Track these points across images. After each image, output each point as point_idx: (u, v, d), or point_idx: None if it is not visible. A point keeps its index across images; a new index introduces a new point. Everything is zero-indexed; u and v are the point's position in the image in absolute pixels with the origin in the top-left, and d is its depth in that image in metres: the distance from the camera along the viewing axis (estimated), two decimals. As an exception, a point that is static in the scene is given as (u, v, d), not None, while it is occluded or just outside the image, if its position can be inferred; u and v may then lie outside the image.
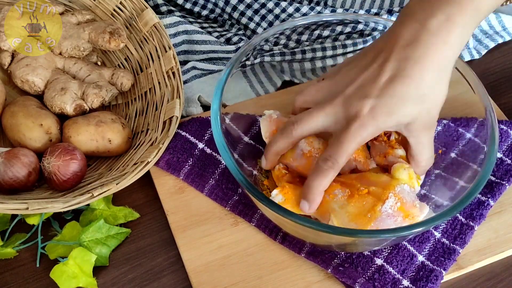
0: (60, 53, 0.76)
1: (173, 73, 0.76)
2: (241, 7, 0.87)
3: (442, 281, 0.64)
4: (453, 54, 0.59)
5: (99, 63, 0.81)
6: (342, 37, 0.83)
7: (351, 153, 0.59)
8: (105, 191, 0.65)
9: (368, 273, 0.64)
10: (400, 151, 0.65)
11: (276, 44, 0.82)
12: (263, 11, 0.87)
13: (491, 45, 0.86)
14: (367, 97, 0.58)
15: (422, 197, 0.67)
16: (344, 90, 0.60)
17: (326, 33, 0.83)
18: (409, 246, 0.66)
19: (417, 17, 0.59)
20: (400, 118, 0.59)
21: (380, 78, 0.59)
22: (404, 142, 0.65)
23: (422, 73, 0.58)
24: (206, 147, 0.73)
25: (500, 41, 0.87)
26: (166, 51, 0.77)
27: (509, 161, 0.72)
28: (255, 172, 0.68)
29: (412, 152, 0.63)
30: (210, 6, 0.89)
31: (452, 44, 0.58)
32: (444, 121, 0.72)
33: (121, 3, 0.81)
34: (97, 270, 0.65)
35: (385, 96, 0.58)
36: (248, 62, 0.77)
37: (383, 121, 0.59)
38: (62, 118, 0.73)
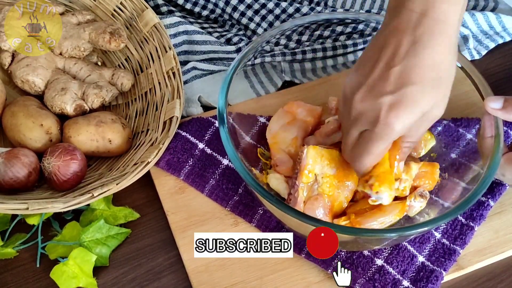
0: (61, 53, 0.76)
1: (173, 73, 0.76)
2: (242, 7, 0.87)
3: (442, 281, 0.64)
4: (456, 32, 0.58)
5: (99, 63, 0.81)
6: (342, 37, 0.83)
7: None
8: (105, 191, 0.65)
9: (369, 274, 0.64)
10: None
11: (277, 44, 0.82)
12: (263, 12, 0.87)
13: (491, 45, 0.86)
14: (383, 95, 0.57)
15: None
16: (382, 94, 0.57)
17: (326, 33, 0.83)
18: (409, 247, 0.66)
19: (410, 7, 0.57)
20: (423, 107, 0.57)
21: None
22: None
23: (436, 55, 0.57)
24: (206, 147, 0.73)
25: (500, 41, 0.87)
26: (166, 52, 0.77)
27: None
28: (255, 171, 0.68)
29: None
30: (210, 6, 0.89)
31: (452, 23, 0.57)
32: (445, 122, 0.72)
33: (121, 3, 0.81)
34: (97, 270, 0.65)
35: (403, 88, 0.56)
36: (249, 62, 0.77)
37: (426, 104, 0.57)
38: (62, 118, 0.73)
